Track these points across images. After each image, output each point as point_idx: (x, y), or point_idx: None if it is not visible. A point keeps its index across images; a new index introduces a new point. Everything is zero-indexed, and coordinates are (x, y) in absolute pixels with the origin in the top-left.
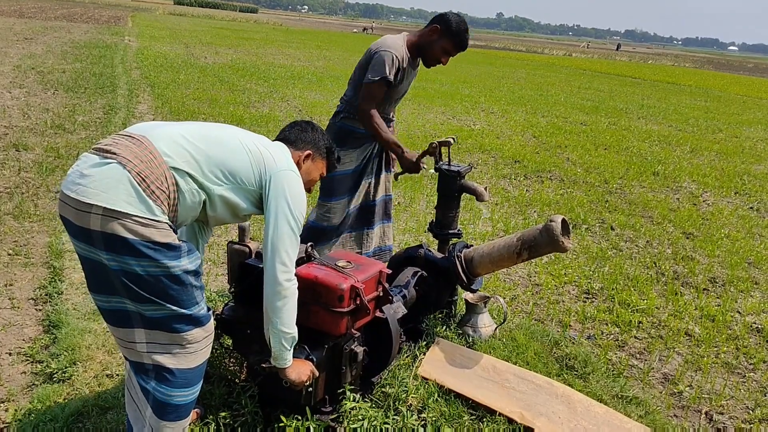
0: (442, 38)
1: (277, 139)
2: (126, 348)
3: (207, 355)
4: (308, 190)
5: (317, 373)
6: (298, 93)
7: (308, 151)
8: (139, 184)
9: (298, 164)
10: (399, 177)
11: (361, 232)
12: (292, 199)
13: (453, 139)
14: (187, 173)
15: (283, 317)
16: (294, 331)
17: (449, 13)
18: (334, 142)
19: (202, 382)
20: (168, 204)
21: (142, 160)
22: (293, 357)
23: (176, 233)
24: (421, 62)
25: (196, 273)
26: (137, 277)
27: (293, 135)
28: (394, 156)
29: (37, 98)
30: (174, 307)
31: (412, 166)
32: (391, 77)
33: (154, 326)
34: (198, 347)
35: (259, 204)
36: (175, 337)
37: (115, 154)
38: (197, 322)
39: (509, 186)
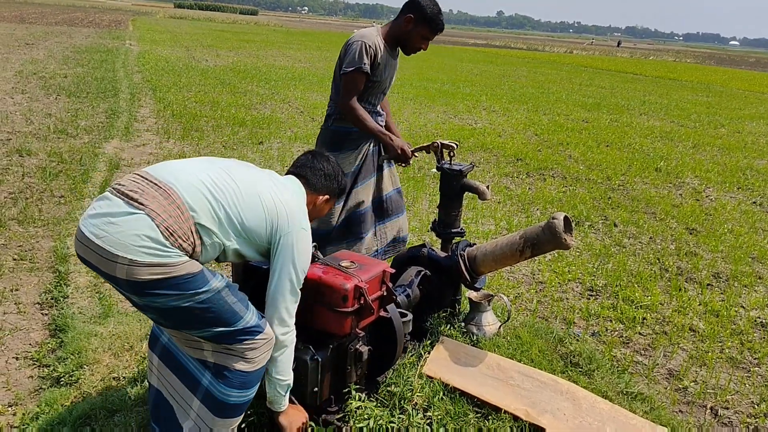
0: (418, 25)
1: (299, 173)
2: (188, 347)
3: (267, 359)
4: (311, 220)
5: (309, 428)
6: (300, 94)
7: (326, 196)
8: (167, 239)
9: (313, 204)
10: (385, 161)
11: (374, 228)
12: (299, 258)
13: (456, 144)
14: (211, 230)
15: (279, 366)
16: (289, 378)
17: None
18: (331, 147)
19: (258, 384)
20: (191, 254)
21: (171, 215)
22: (289, 399)
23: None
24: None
25: (228, 287)
26: (167, 311)
27: (314, 179)
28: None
29: (39, 103)
30: (218, 329)
31: (400, 155)
32: (366, 66)
33: (210, 341)
34: (255, 354)
35: (267, 254)
36: (232, 348)
37: (143, 205)
38: (249, 332)
39: (511, 184)
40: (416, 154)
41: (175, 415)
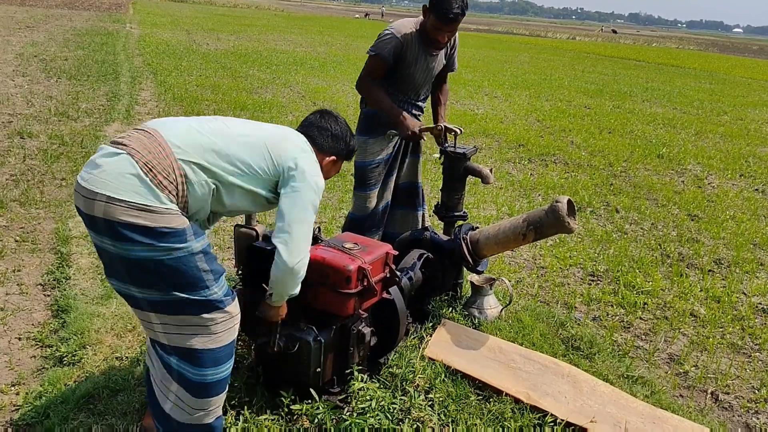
0: (430, 15)
1: (306, 132)
2: (146, 328)
3: (233, 336)
4: None
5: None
6: (301, 79)
7: (333, 157)
8: (146, 174)
9: (318, 164)
10: (392, 135)
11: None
12: (315, 181)
13: (460, 129)
14: (196, 164)
15: (293, 285)
16: (297, 290)
17: None
18: (363, 130)
19: (233, 357)
20: (177, 194)
21: (150, 151)
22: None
23: (188, 219)
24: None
25: (205, 254)
26: (137, 263)
27: (320, 138)
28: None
29: (40, 86)
30: (179, 294)
31: (410, 135)
32: (386, 54)
33: (161, 311)
34: (218, 329)
35: (274, 189)
36: (188, 319)
37: (125, 146)
38: (211, 306)
39: (513, 170)
40: (424, 136)
41: (157, 395)
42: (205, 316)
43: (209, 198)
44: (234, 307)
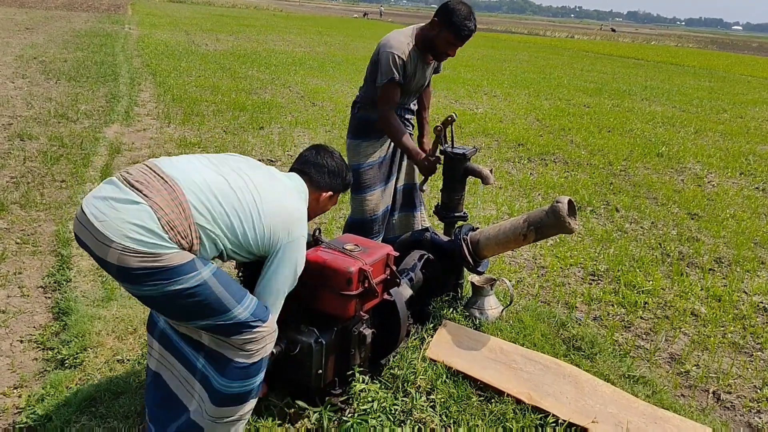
0: (443, 31)
1: (303, 170)
2: (185, 329)
3: (268, 350)
4: (313, 216)
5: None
6: (300, 79)
7: (329, 193)
8: (166, 233)
9: (316, 200)
10: (425, 186)
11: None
12: (298, 265)
13: (454, 115)
14: (210, 231)
15: None
16: None
17: (450, 3)
18: (356, 134)
19: (264, 370)
20: (190, 250)
21: (173, 210)
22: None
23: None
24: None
25: (216, 276)
26: (162, 300)
27: (317, 176)
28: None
29: (39, 88)
30: (209, 320)
31: (428, 173)
32: (398, 76)
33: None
34: (255, 347)
35: (262, 258)
36: (228, 340)
37: (147, 197)
38: (244, 325)
39: (513, 169)
40: (439, 158)
41: (179, 397)
42: (243, 335)
43: (218, 254)
44: (271, 322)
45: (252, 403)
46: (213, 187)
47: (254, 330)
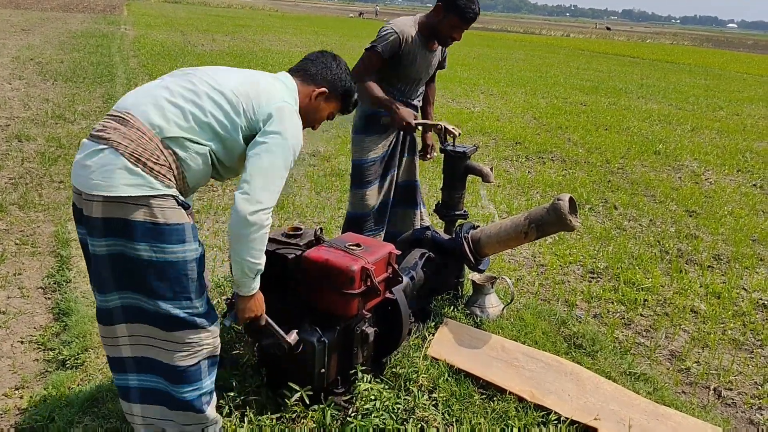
0: (448, 15)
1: (298, 68)
2: (109, 345)
3: (207, 354)
4: (313, 126)
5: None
6: None
7: (324, 89)
8: (135, 165)
9: (309, 99)
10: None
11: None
12: (290, 133)
13: (459, 132)
14: (181, 137)
15: (251, 246)
16: (261, 261)
17: None
18: (359, 129)
19: (213, 372)
20: (172, 175)
21: (132, 140)
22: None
23: (187, 207)
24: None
25: (198, 263)
26: (130, 260)
27: (314, 68)
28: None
29: (36, 89)
30: (161, 302)
31: (404, 126)
32: (380, 48)
33: (135, 320)
34: (193, 349)
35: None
36: (167, 336)
37: (106, 139)
38: (189, 324)
39: (511, 168)
40: (420, 127)
41: (162, 361)
42: (181, 333)
43: (208, 168)
44: (215, 330)
45: (208, 408)
46: (166, 95)
47: (195, 331)
